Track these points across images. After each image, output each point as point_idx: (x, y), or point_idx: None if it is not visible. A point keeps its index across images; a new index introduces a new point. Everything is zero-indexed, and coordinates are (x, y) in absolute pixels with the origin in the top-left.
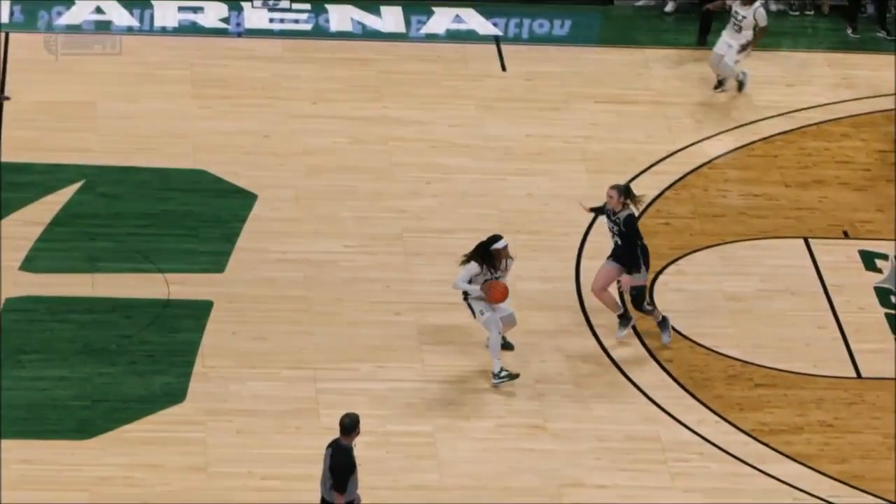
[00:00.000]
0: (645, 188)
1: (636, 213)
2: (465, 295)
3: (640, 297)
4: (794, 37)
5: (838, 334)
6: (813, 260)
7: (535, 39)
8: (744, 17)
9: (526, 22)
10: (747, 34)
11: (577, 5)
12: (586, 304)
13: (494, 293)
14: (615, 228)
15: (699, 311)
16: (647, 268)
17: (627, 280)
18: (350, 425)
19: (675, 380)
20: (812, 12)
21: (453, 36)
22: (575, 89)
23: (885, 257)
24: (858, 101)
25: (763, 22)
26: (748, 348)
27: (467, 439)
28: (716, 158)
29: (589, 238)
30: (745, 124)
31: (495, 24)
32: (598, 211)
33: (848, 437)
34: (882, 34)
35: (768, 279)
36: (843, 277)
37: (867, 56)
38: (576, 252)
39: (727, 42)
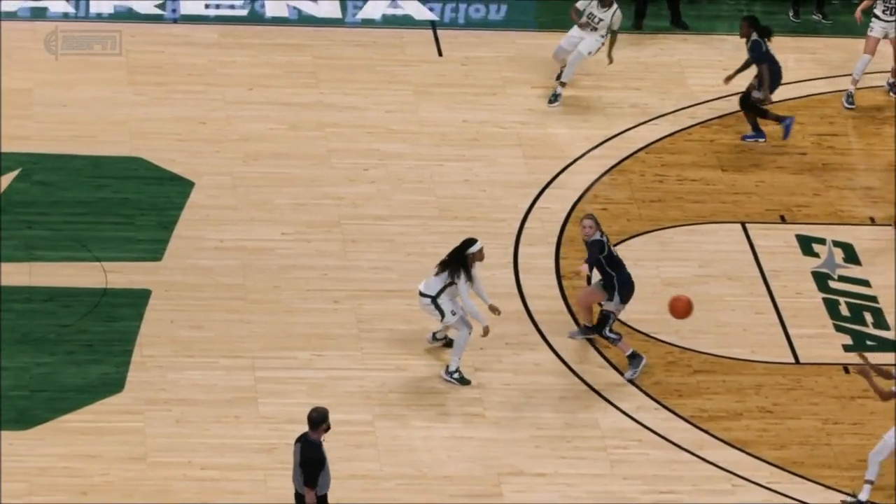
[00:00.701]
0: (582, 174)
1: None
2: (434, 298)
3: (604, 322)
4: (731, 20)
5: (776, 319)
6: (750, 245)
7: (471, 24)
8: (601, 20)
9: (462, 7)
10: (600, 36)
11: None
12: (525, 292)
13: (678, 309)
14: (588, 257)
15: (637, 297)
16: (623, 300)
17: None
18: (318, 419)
19: (613, 366)
20: None
21: (389, 21)
22: (511, 74)
23: (822, 241)
24: (794, 84)
25: (617, 26)
26: (686, 334)
27: (407, 427)
28: (653, 143)
29: (527, 224)
30: (682, 108)
31: (431, 10)
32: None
33: (786, 423)
34: (818, 17)
35: (706, 264)
36: (781, 262)
37: (803, 39)
38: (514, 238)
39: (576, 37)
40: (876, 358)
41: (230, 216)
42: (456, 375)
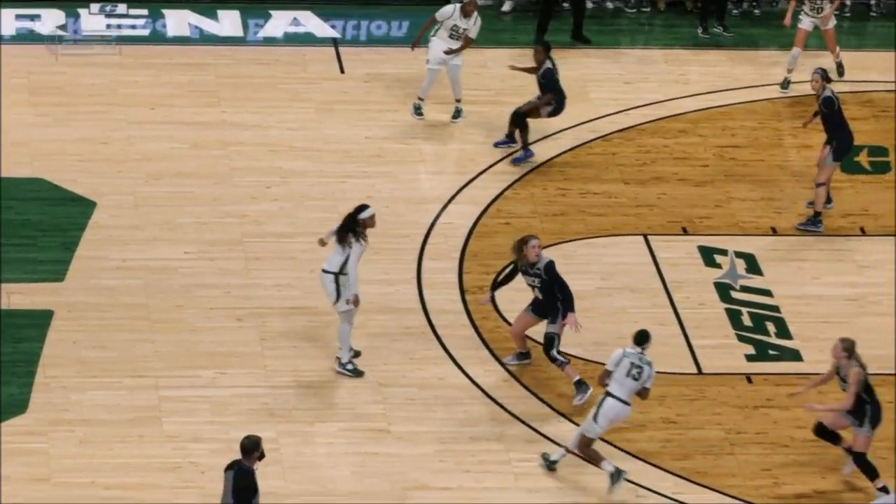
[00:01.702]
0: (484, 189)
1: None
2: (337, 275)
3: (551, 345)
4: (632, 34)
5: (679, 331)
6: (653, 256)
7: (373, 41)
8: (465, 29)
9: (364, 24)
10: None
11: (414, 6)
12: (428, 307)
13: None
14: (536, 281)
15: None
16: (565, 316)
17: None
18: (251, 447)
19: (517, 380)
20: (648, 9)
21: (291, 39)
22: (414, 90)
23: (724, 252)
24: (695, 97)
25: (474, 34)
26: (590, 346)
27: (311, 444)
28: (555, 157)
29: (430, 240)
30: (584, 122)
31: (333, 27)
32: (510, 277)
33: (690, 434)
34: (719, 30)
35: (609, 277)
36: (683, 273)
37: (704, 52)
38: (417, 254)
39: (440, 52)
40: (778, 367)
41: (133, 236)
42: (349, 367)
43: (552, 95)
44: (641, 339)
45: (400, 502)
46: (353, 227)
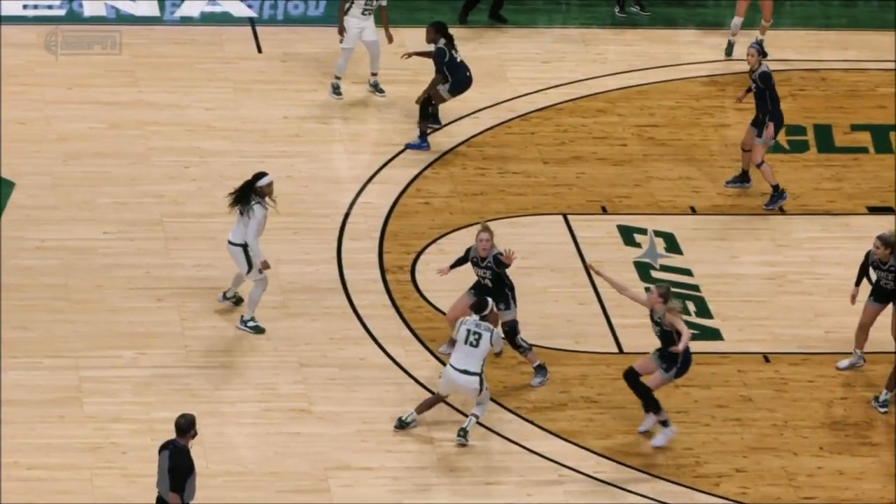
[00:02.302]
0: (404, 168)
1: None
2: (244, 246)
3: (514, 332)
4: (549, 13)
5: (599, 310)
6: (572, 236)
7: (290, 21)
8: (379, 3)
9: (280, 4)
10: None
11: None
12: (349, 287)
13: None
14: (487, 273)
15: (461, 291)
16: (516, 303)
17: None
18: (186, 426)
19: (439, 360)
20: None
21: (208, 18)
22: (331, 69)
23: (643, 231)
24: (614, 76)
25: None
26: None
27: (232, 424)
28: (473, 137)
29: (349, 220)
30: (502, 102)
31: (250, 6)
32: (458, 263)
33: (611, 413)
34: (636, 9)
35: (529, 256)
36: (603, 253)
37: (621, 31)
38: (337, 234)
39: (357, 29)
40: (698, 346)
41: (51, 216)
42: (251, 324)
43: (441, 75)
44: (479, 307)
45: (322, 482)
46: (251, 194)
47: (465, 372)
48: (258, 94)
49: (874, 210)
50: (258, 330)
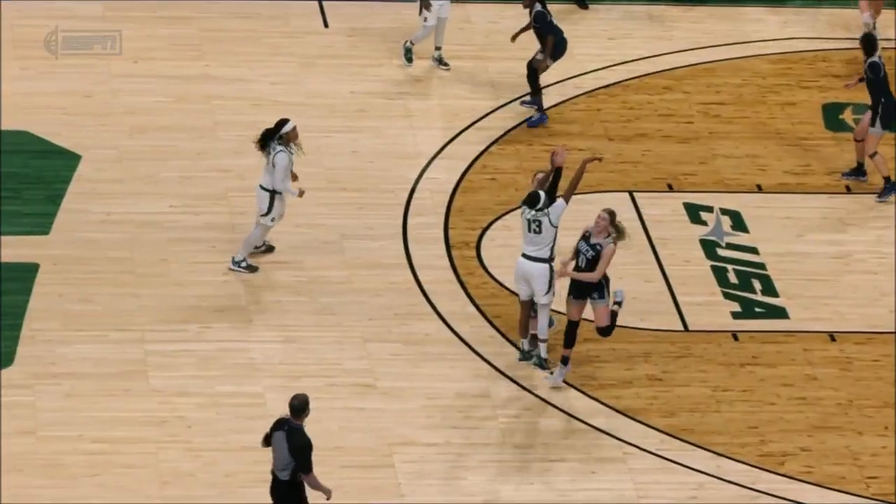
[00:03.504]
0: (470, 144)
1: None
2: (272, 192)
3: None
4: None
5: (665, 287)
6: (638, 213)
7: None
8: None
9: None
10: None
11: None
12: (414, 262)
13: None
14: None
15: None
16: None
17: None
18: (300, 406)
19: (504, 336)
20: None
21: None
22: (398, 45)
23: (709, 209)
24: (679, 53)
25: None
26: None
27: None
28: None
29: (415, 196)
30: (568, 78)
31: None
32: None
33: (676, 391)
34: None
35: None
36: (669, 230)
37: (688, 9)
38: (402, 209)
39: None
40: (763, 325)
41: (117, 189)
42: (244, 264)
43: (552, 37)
44: (532, 201)
45: (386, 458)
46: (271, 140)
47: (534, 259)
48: (324, 68)
49: None
50: (251, 269)
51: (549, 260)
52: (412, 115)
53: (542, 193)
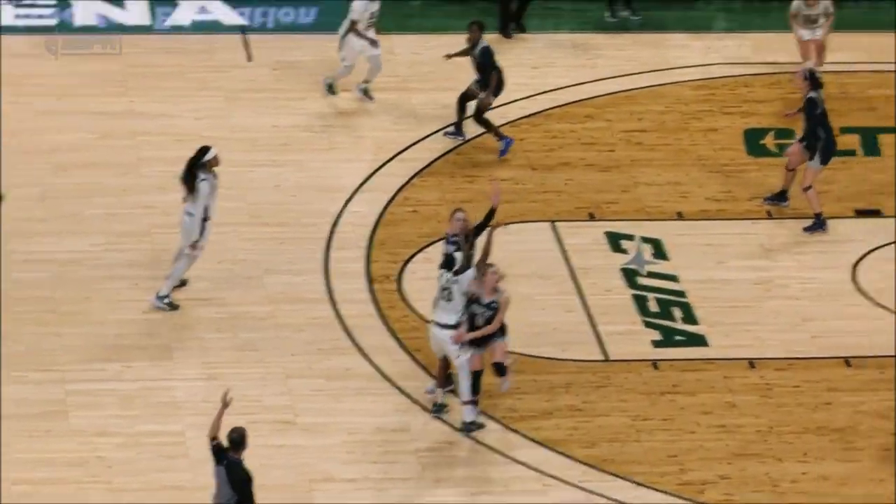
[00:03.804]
0: (392, 176)
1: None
2: (203, 220)
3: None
4: (541, 18)
5: (585, 318)
6: (560, 243)
7: (281, 28)
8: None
9: (271, 11)
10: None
11: None
12: (335, 297)
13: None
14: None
15: None
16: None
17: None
18: (239, 440)
19: (425, 369)
20: None
21: (199, 27)
22: (321, 77)
23: (630, 238)
24: (602, 81)
25: (354, 15)
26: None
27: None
28: (462, 144)
29: (337, 229)
30: (492, 108)
31: (241, 14)
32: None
33: (596, 421)
34: (626, 14)
35: (516, 264)
36: (590, 260)
37: (612, 36)
38: (324, 243)
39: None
40: (684, 353)
41: (40, 228)
42: (167, 300)
43: (496, 73)
44: (448, 263)
45: (307, 494)
46: (198, 169)
47: (445, 326)
48: (248, 102)
49: (861, 213)
50: (173, 307)
51: (458, 325)
52: (335, 148)
53: (456, 256)
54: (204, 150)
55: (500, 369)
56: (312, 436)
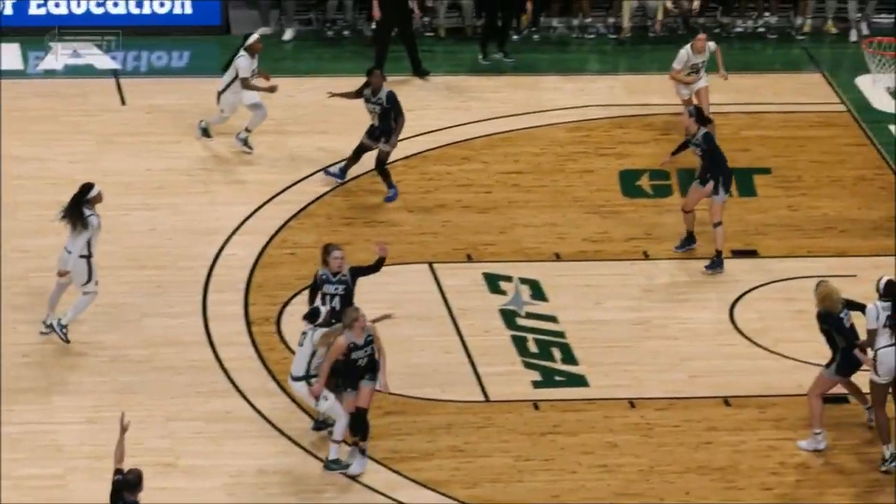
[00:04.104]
0: (269, 219)
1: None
2: (88, 258)
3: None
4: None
5: (465, 358)
6: (438, 284)
7: (154, 72)
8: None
9: (144, 55)
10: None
11: (195, 36)
12: (214, 340)
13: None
14: (339, 288)
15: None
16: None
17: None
18: (136, 481)
19: (306, 412)
20: (432, 33)
21: (72, 71)
22: (196, 121)
23: (509, 279)
24: (478, 123)
25: (244, 73)
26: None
27: (98, 480)
28: (339, 186)
29: (214, 272)
30: (368, 151)
31: (114, 58)
32: (314, 292)
33: (478, 461)
34: (499, 56)
35: (395, 305)
36: (469, 301)
37: (485, 78)
38: (202, 286)
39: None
40: (564, 393)
41: None
42: (64, 331)
43: (402, 119)
44: (312, 316)
45: None
46: (82, 207)
47: (294, 378)
48: (121, 146)
49: (738, 253)
50: (66, 339)
51: (309, 377)
52: (211, 192)
53: (322, 309)
54: (88, 186)
55: (362, 414)
56: (193, 478)
